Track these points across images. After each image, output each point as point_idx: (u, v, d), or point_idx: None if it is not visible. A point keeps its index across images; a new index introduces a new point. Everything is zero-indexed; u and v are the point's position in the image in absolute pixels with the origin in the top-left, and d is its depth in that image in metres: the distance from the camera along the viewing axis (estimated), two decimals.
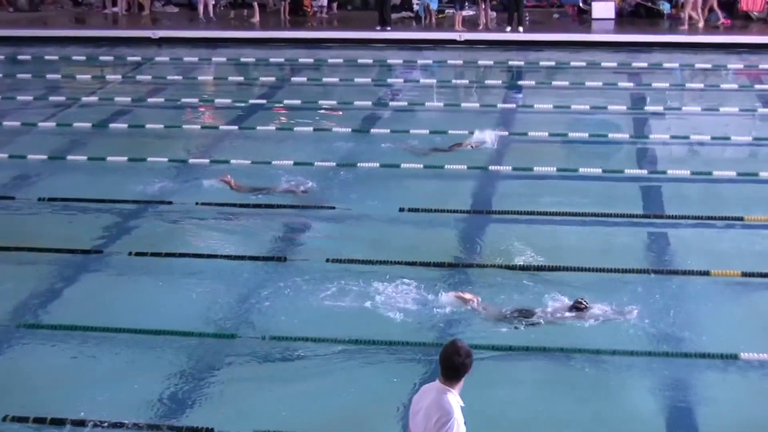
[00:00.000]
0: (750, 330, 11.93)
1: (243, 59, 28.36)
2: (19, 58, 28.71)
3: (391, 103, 22.86)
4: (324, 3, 34.17)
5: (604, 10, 32.08)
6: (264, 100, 23.36)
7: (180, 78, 25.97)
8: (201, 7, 32.95)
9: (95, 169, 18.21)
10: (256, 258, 13.92)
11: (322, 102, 22.94)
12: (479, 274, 13.17)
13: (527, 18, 31.11)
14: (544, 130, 19.95)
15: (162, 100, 23.50)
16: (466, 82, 25.79)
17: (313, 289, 12.81)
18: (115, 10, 34.96)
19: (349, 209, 15.69)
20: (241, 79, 26.23)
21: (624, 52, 27.92)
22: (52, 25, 33.10)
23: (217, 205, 15.92)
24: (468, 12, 31.79)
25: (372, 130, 20.46)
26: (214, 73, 27.41)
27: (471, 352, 7.43)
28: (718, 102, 22.27)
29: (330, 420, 10.08)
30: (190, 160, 18.53)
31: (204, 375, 11.00)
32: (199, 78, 26.26)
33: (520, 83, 25.19)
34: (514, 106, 22.54)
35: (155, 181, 17.21)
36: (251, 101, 23.24)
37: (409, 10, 33.56)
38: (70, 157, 18.82)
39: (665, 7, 31.99)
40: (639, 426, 10.06)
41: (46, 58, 28.33)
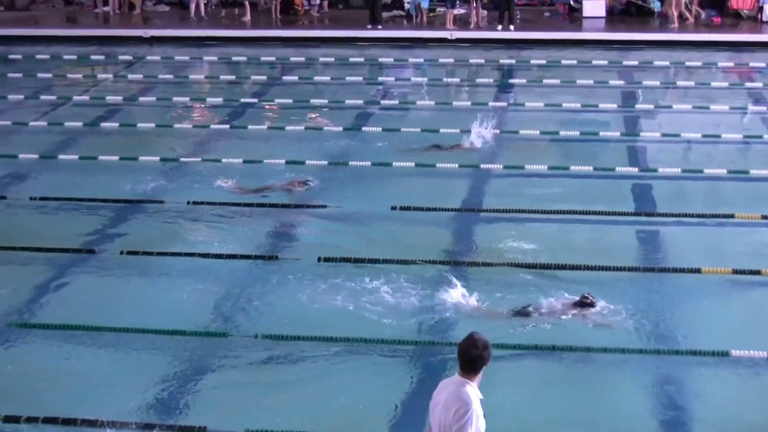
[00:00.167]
0: (741, 327, 11.97)
1: (234, 58, 28.35)
2: (10, 57, 28.66)
3: (382, 102, 22.89)
4: (317, 1, 34.18)
5: (594, 8, 32.12)
6: (255, 99, 23.37)
7: (171, 77, 25.96)
8: (193, 6, 32.94)
9: (87, 168, 18.19)
10: (248, 257, 13.93)
11: (313, 101, 22.95)
12: (471, 271, 13.18)
13: (518, 16, 31.15)
14: (535, 128, 19.99)
15: (153, 99, 23.49)
16: (457, 80, 25.83)
17: (304, 288, 12.82)
18: (106, 9, 34.94)
19: (341, 207, 15.70)
20: (232, 77, 26.20)
21: (615, 50, 27.98)
22: (44, 24, 33.08)
23: (209, 204, 15.93)
24: (459, 10, 31.81)
25: (363, 129, 20.48)
26: (206, 72, 27.41)
27: (488, 344, 7.41)
28: (708, 100, 22.32)
29: (322, 418, 10.08)
30: (182, 158, 18.54)
31: (196, 374, 11.01)
32: (190, 77, 26.25)
33: (511, 81, 25.22)
34: (505, 104, 22.56)
35: (147, 179, 17.21)
36: (242, 100, 23.25)
37: (400, 9, 33.57)
38: (61, 156, 18.80)
39: (656, 5, 32.03)
40: (630, 423, 10.08)
41: (38, 57, 28.29)
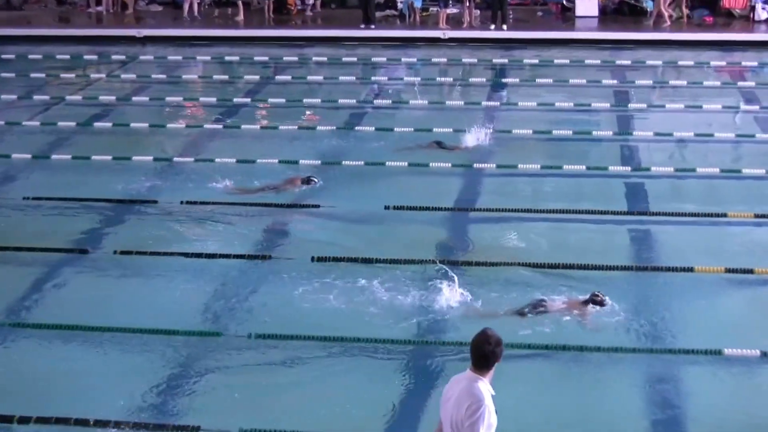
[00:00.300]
0: (734, 326, 12.00)
1: (227, 57, 28.34)
2: (3, 57, 28.56)
3: (375, 101, 22.89)
4: (310, 1, 34.17)
5: (587, 7, 32.15)
6: (248, 99, 23.36)
7: (164, 77, 25.93)
8: (186, 6, 32.89)
9: (80, 167, 18.18)
10: (241, 256, 13.93)
11: (306, 100, 22.94)
12: (465, 271, 13.18)
13: (511, 16, 31.14)
14: (528, 127, 19.99)
15: (146, 98, 23.47)
16: (450, 79, 25.82)
17: (298, 288, 12.83)
18: (99, 9, 34.89)
19: (334, 207, 15.71)
20: (225, 77, 26.20)
21: (607, 50, 28.01)
22: (36, 24, 33.04)
23: (202, 203, 15.92)
24: (452, 10, 31.80)
25: (356, 128, 20.48)
26: (199, 72, 27.35)
27: (501, 340, 7.41)
28: (701, 99, 22.35)
29: (316, 418, 10.09)
30: (175, 158, 18.52)
31: (190, 374, 11.01)
32: (183, 76, 26.21)
33: (504, 81, 25.23)
34: (498, 103, 22.57)
35: (140, 179, 17.22)
36: (236, 99, 23.22)
37: (393, 8, 33.57)
38: (54, 156, 18.78)
39: (648, 4, 32.04)
40: (623, 422, 10.11)
41: (30, 57, 28.23)
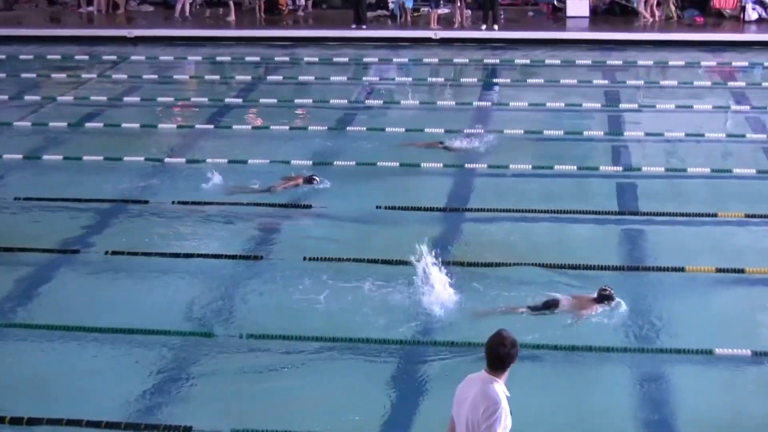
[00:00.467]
0: (724, 325, 12.03)
1: (219, 58, 28.32)
2: None
3: (367, 102, 22.90)
4: (302, 1, 34.17)
5: (578, 7, 32.16)
6: (240, 99, 23.34)
7: (156, 77, 25.90)
8: (179, 6, 32.85)
9: (71, 168, 18.16)
10: (232, 257, 13.93)
11: (297, 100, 22.96)
12: (456, 271, 13.19)
13: (502, 16, 31.17)
14: (520, 127, 20.01)
15: (138, 99, 23.44)
16: (441, 80, 25.85)
17: (289, 288, 12.84)
18: (90, 9, 34.83)
19: (326, 207, 15.73)
20: (216, 77, 26.20)
21: (598, 50, 28.04)
22: (27, 25, 32.97)
23: (193, 203, 15.92)
24: (443, 10, 31.83)
25: (348, 129, 20.50)
26: (190, 72, 27.35)
27: (516, 342, 7.40)
28: (691, 99, 22.40)
29: (307, 417, 10.10)
30: (167, 159, 18.51)
31: (181, 373, 11.02)
32: (174, 77, 26.18)
33: (495, 81, 25.26)
34: (489, 103, 22.60)
35: (132, 180, 17.21)
36: (227, 100, 23.20)
37: (384, 9, 33.57)
38: (46, 157, 18.76)
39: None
40: (614, 422, 10.13)
41: (21, 57, 28.18)
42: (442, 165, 17.71)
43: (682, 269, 13.24)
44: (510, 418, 7.32)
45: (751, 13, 30.85)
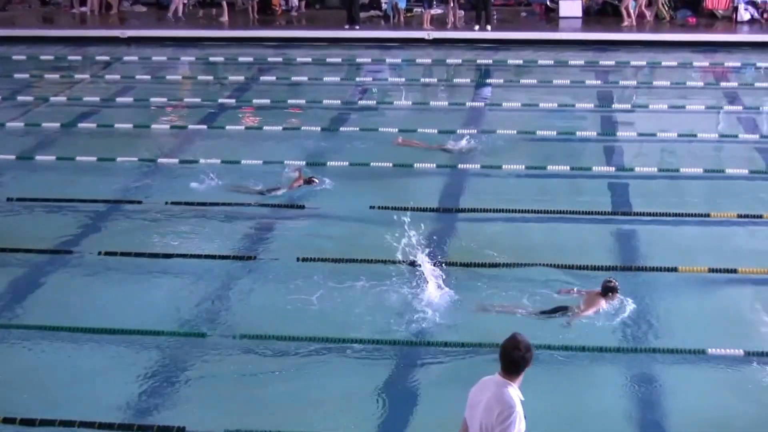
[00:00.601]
0: (717, 325, 12.07)
1: (211, 58, 28.27)
2: None
3: (359, 102, 22.90)
4: (295, 3, 34.16)
5: (571, 8, 32.19)
6: (233, 100, 23.32)
7: (149, 77, 25.88)
8: (173, 7, 32.81)
9: (64, 168, 18.15)
10: (226, 257, 13.94)
11: (291, 101, 22.95)
12: (449, 271, 13.20)
13: (495, 16, 31.19)
14: (513, 128, 20.03)
15: (131, 99, 23.42)
16: (434, 80, 25.85)
17: (283, 288, 12.85)
18: (83, 9, 34.78)
19: (319, 208, 15.74)
20: (209, 78, 26.15)
21: (591, 50, 28.05)
22: (20, 25, 32.92)
23: (186, 204, 15.92)
24: (436, 10, 31.83)
25: (341, 129, 20.49)
26: (183, 73, 27.35)
27: (531, 346, 7.37)
28: (684, 99, 22.43)
29: (301, 418, 10.11)
30: (160, 159, 18.49)
31: (175, 374, 11.02)
32: (167, 77, 26.15)
33: (489, 81, 25.28)
34: (482, 104, 22.62)
35: (125, 180, 17.21)
36: (220, 100, 23.18)
37: (377, 9, 33.57)
38: (38, 157, 18.74)
39: (632, 5, 32.11)
40: (606, 422, 10.15)
41: (14, 57, 28.13)
42: (435, 165, 17.72)
43: (675, 269, 13.27)
44: (524, 422, 7.30)
45: (744, 14, 30.89)
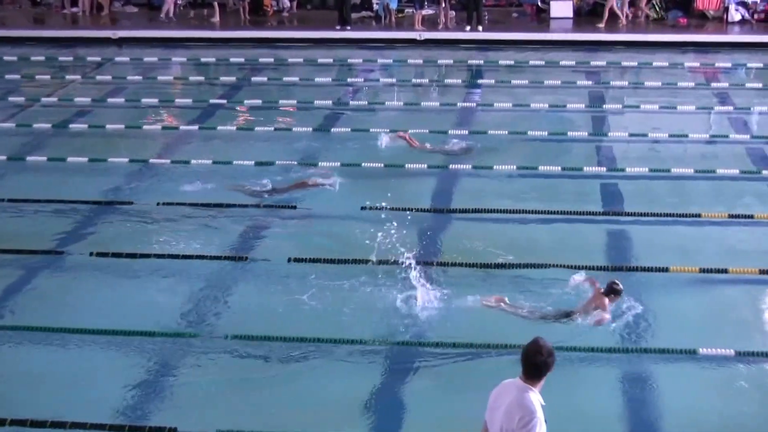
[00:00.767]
0: (708, 325, 12.10)
1: (203, 59, 28.24)
2: None
3: (351, 103, 22.90)
4: (287, 3, 34.15)
5: (562, 9, 32.22)
6: (224, 100, 23.29)
7: (140, 78, 25.84)
8: (165, 8, 32.76)
9: (55, 169, 18.13)
10: (217, 258, 13.94)
11: (282, 101, 22.94)
12: (441, 271, 13.23)
13: (486, 17, 31.20)
14: (504, 128, 20.04)
15: (122, 100, 23.39)
16: (426, 80, 25.85)
17: (275, 289, 12.86)
18: (75, 10, 34.72)
19: (311, 208, 15.74)
20: (201, 78, 26.13)
21: (582, 51, 28.08)
22: (11, 26, 32.82)
23: (178, 204, 15.91)
24: (427, 11, 31.85)
25: (332, 130, 20.49)
26: (175, 73, 27.32)
27: (553, 350, 7.35)
28: (675, 100, 22.47)
29: (293, 418, 10.12)
30: (151, 160, 18.46)
31: (166, 375, 11.02)
32: (159, 78, 26.11)
33: (480, 82, 25.29)
34: (473, 104, 22.64)
35: (116, 181, 17.19)
36: (211, 101, 23.16)
37: (368, 10, 33.56)
38: (30, 158, 18.71)
39: (616, 4, 32.10)
40: (598, 422, 10.17)
41: (5, 58, 28.07)
42: (426, 166, 17.73)
43: (666, 269, 13.29)
44: (545, 426, 7.29)
45: (734, 15, 30.94)
